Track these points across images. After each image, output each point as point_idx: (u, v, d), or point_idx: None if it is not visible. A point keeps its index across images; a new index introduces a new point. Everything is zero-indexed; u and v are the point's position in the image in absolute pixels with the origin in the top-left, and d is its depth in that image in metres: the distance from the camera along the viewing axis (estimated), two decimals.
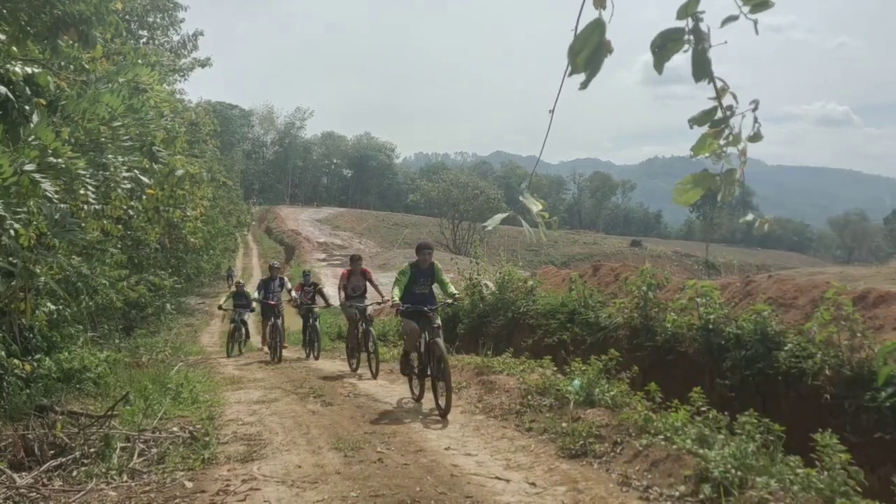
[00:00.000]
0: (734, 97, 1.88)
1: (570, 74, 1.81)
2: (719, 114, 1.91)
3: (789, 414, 6.15)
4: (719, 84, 1.85)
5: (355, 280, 11.79)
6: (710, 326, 7.72)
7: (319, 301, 15.43)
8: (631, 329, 8.99)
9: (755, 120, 1.91)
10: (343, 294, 11.54)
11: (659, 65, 1.83)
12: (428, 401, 7.95)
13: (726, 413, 5.25)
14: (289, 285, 15.56)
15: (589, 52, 1.77)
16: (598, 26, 1.74)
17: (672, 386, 6.38)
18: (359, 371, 11.34)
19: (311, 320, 14.65)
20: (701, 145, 1.98)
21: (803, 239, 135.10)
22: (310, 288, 15.52)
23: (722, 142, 1.95)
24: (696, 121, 1.94)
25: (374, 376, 10.59)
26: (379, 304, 11.76)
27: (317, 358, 14.26)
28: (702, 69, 1.81)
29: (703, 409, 5.38)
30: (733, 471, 4.24)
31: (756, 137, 1.94)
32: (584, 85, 1.82)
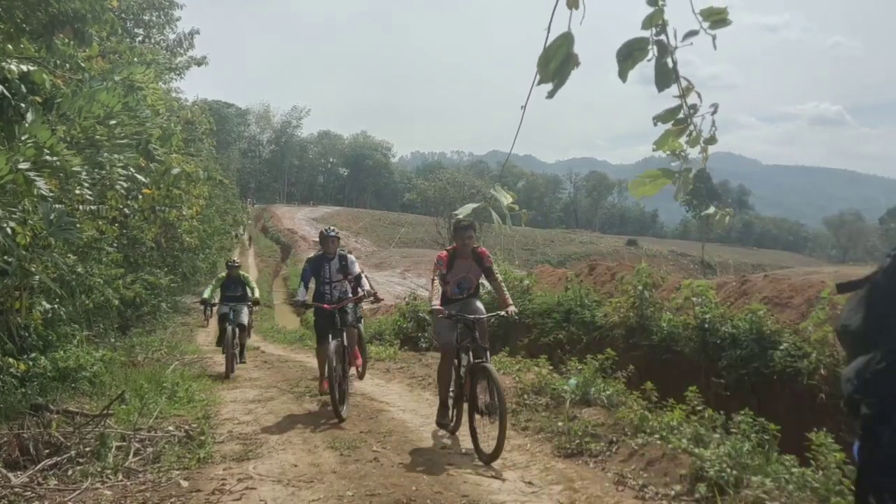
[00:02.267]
0: (699, 96, 1.93)
1: (539, 84, 1.84)
2: (683, 113, 1.95)
3: (784, 413, 6.17)
4: (684, 84, 1.89)
5: (462, 268, 6.41)
6: (706, 326, 7.74)
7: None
8: (627, 328, 9.01)
9: (712, 123, 1.96)
10: (438, 288, 6.22)
11: (623, 73, 1.86)
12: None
13: (722, 412, 5.27)
14: (357, 269, 8.39)
15: (556, 63, 1.80)
16: (566, 39, 1.77)
17: (668, 385, 6.40)
18: (458, 434, 6.41)
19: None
20: (663, 141, 2.03)
21: (799, 238, 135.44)
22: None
23: (684, 139, 1.99)
24: (659, 118, 1.99)
25: (492, 456, 5.41)
26: (504, 314, 6.32)
27: (361, 377, 9.66)
28: (664, 79, 1.85)
29: (699, 408, 5.40)
30: (729, 470, 4.25)
31: (711, 140, 2.00)
32: (550, 94, 1.86)
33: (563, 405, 6.50)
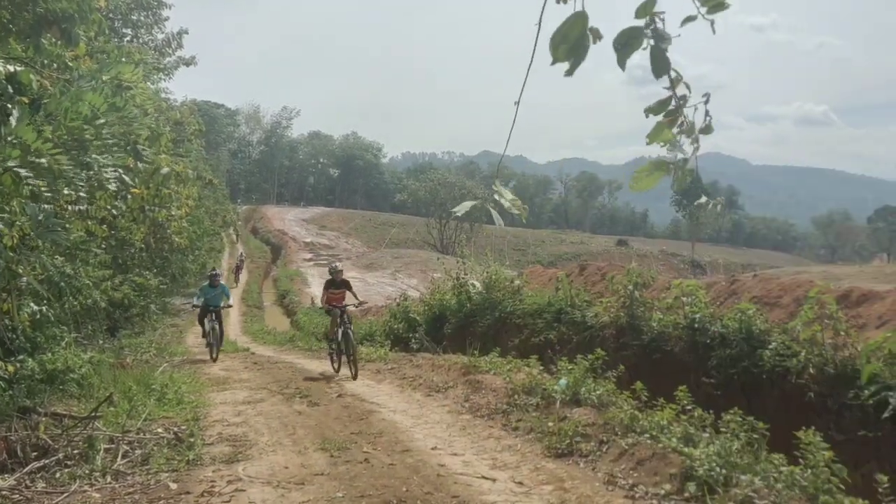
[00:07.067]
0: (687, 87, 1.94)
1: (552, 64, 1.84)
2: (673, 104, 1.95)
3: (774, 412, 6.19)
4: (673, 75, 1.89)
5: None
6: (696, 325, 7.76)
7: None
8: (617, 328, 9.02)
9: (706, 113, 1.96)
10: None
11: (622, 61, 1.87)
12: None
13: (711, 411, 5.29)
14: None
15: (569, 44, 1.80)
16: (580, 18, 1.77)
17: (658, 385, 6.41)
18: None
19: None
20: (656, 133, 2.03)
21: (788, 238, 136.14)
22: None
23: (675, 130, 2.00)
24: (651, 110, 1.99)
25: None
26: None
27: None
28: (661, 66, 1.86)
29: (689, 407, 5.41)
30: (718, 469, 4.27)
31: (707, 129, 2.00)
32: (568, 72, 1.85)
33: (553, 405, 6.51)
